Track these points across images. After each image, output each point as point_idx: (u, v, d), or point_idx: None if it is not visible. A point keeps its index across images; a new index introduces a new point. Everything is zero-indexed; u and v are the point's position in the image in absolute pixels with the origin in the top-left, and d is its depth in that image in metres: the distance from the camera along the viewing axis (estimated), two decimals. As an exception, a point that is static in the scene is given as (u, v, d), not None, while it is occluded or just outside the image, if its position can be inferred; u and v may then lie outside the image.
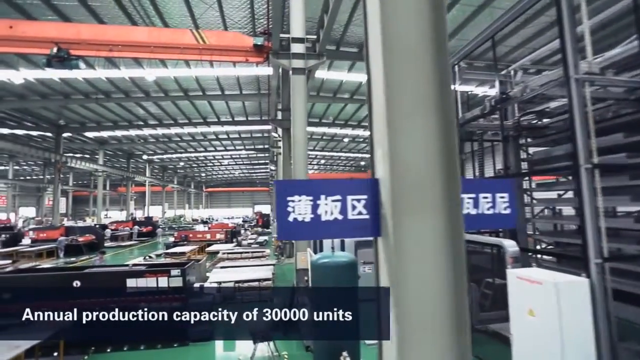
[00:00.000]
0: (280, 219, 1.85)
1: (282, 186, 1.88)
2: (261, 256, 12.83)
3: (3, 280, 6.13)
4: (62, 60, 9.14)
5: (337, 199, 1.86)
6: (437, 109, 1.73)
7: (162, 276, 6.16)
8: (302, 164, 8.52)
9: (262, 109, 25.48)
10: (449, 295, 1.70)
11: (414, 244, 1.70)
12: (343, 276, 4.25)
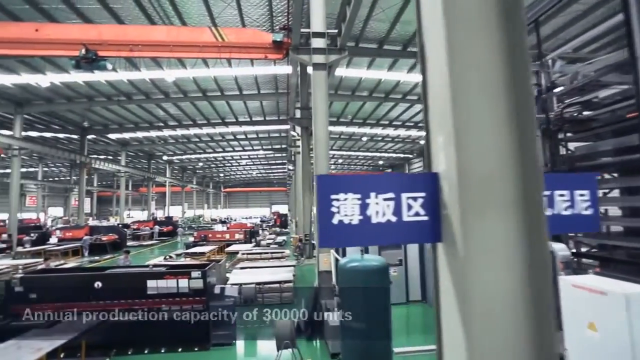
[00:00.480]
0: (323, 222, 1.55)
1: (325, 182, 1.59)
2: (281, 257, 12.61)
3: (27, 280, 6.11)
4: (91, 62, 9.20)
5: (389, 197, 1.55)
6: (513, 84, 1.40)
7: (183, 278, 6.01)
8: (323, 162, 8.23)
9: (280, 108, 25.37)
10: (530, 319, 1.37)
11: (485, 250, 1.38)
12: (374, 282, 3.94)
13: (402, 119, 28.28)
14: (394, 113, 26.65)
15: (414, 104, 23.91)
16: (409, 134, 33.31)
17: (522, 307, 1.39)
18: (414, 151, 43.78)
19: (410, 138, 35.53)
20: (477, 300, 1.39)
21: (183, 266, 6.90)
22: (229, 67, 17.63)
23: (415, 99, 22.82)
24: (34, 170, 42.99)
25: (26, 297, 6.03)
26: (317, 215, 1.56)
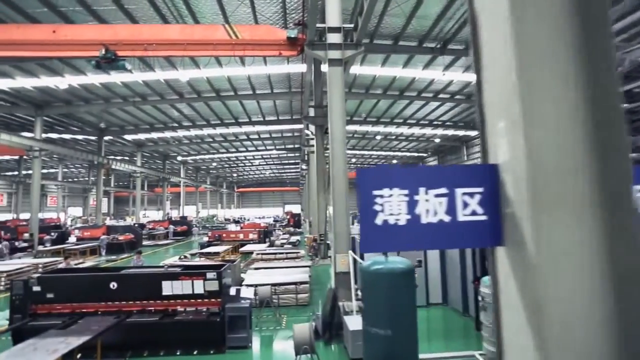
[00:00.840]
0: (365, 222, 1.33)
1: (367, 176, 1.37)
2: (295, 257, 12.43)
3: (44, 280, 6.08)
4: (110, 62, 9.21)
5: (441, 193, 1.32)
6: (594, 57, 1.15)
7: (198, 279, 5.87)
8: (341, 161, 8.00)
9: (293, 107, 25.25)
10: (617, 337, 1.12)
11: (562, 255, 1.14)
12: (399, 285, 3.69)
13: (417, 117, 27.79)
14: (408, 111, 26.21)
15: (429, 102, 23.45)
16: (424, 132, 32.75)
17: (607, 322, 1.15)
18: (428, 150, 43.08)
19: (424, 136, 34.95)
20: (552, 312, 1.15)
21: (198, 267, 6.78)
22: (242, 67, 17.56)
23: (431, 96, 22.37)
24: (54, 171, 44.10)
25: (44, 296, 6.01)
26: (360, 214, 1.35)
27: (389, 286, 3.68)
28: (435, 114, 26.96)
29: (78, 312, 5.96)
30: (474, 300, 6.76)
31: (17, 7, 11.80)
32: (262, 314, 7.72)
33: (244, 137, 32.92)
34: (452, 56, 16.47)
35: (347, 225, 7.96)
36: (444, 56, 16.28)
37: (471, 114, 26.89)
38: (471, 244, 1.38)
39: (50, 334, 5.18)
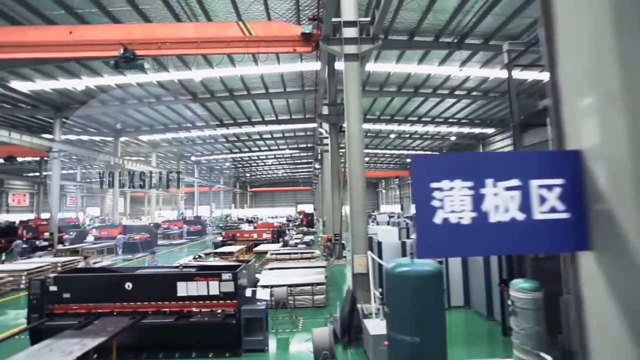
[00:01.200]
0: (421, 221, 1.10)
1: (423, 165, 1.14)
2: (310, 257, 12.24)
3: (61, 280, 6.05)
4: (129, 61, 9.19)
5: (513, 186, 1.09)
6: None
7: (213, 280, 5.73)
8: (358, 159, 7.76)
9: (306, 106, 25.10)
10: None
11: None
12: (426, 289, 3.45)
13: (432, 114, 27.27)
14: (423, 108, 25.73)
15: (444, 99, 22.95)
16: (439, 130, 32.13)
17: None
18: (443, 148, 42.32)
19: (439, 135, 34.31)
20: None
21: (213, 267, 6.66)
22: (255, 65, 17.48)
23: (447, 93, 21.87)
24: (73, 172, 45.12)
25: (60, 296, 5.98)
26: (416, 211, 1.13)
27: (415, 290, 3.44)
28: (451, 111, 26.39)
29: (94, 313, 5.90)
30: (499, 304, 6.44)
31: (35, 9, 11.97)
32: (278, 315, 7.55)
33: (257, 137, 32.97)
34: (470, 51, 16.03)
35: (365, 224, 7.72)
36: (461, 51, 15.84)
37: (488, 111, 26.23)
38: (551, 247, 1.12)
39: (66, 335, 5.12)
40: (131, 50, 9.05)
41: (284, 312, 7.65)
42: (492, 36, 14.93)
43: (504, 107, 25.28)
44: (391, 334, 3.52)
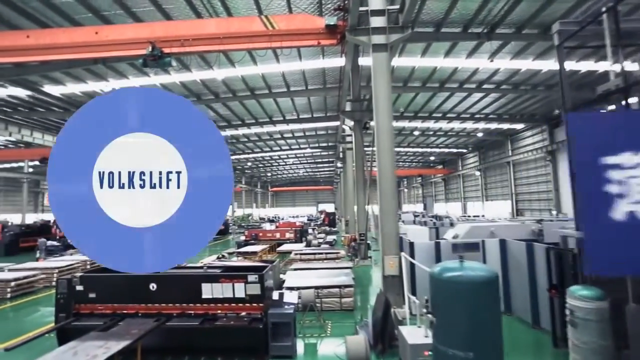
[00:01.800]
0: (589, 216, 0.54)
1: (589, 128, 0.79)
2: (335, 258, 11.89)
3: (86, 279, 5.96)
4: (157, 59, 9.13)
5: None
6: None
7: (239, 282, 5.48)
8: (388, 155, 7.33)
9: (328, 104, 24.77)
10: None
11: None
12: (482, 298, 3.01)
13: (457, 110, 26.34)
14: (448, 104, 24.86)
15: (472, 93, 22.03)
16: (464, 126, 31.07)
17: None
18: (468, 145, 41.00)
19: (465, 131, 33.18)
20: None
21: (238, 268, 6.41)
22: (276, 63, 17.33)
23: (474, 87, 20.97)
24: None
25: (86, 296, 5.90)
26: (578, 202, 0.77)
27: (468, 298, 3.01)
28: (478, 107, 25.38)
29: (119, 314, 5.78)
30: (548, 311, 5.85)
31: (65, 13, 12.21)
32: (305, 318, 7.25)
33: (278, 136, 32.94)
34: (500, 41, 15.23)
35: (396, 224, 7.29)
36: (491, 42, 15.07)
37: (518, 105, 25.05)
38: None
39: (91, 337, 4.99)
40: (159, 48, 8.97)
41: (310, 315, 7.33)
42: (525, 25, 14.08)
43: (535, 101, 24.07)
44: (439, 347, 3.11)
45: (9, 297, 10.81)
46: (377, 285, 11.14)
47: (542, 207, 29.38)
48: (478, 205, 41.93)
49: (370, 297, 9.51)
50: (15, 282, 11.10)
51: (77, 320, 5.78)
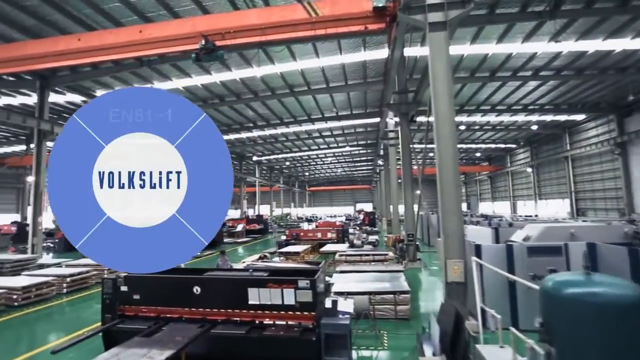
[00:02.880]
0: None
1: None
2: (383, 260, 11.11)
3: (131, 280, 5.71)
4: (210, 52, 8.92)
5: None
6: None
7: (288, 287, 4.93)
8: (450, 147, 6.47)
9: (368, 100, 23.93)
10: None
11: None
12: (627, 325, 2.19)
13: (508, 102, 24.38)
14: (498, 95, 23.05)
15: (526, 82, 20.16)
16: (515, 119, 28.79)
17: None
18: (518, 140, 38.14)
19: (515, 124, 30.78)
20: None
21: (287, 272, 5.88)
22: (316, 58, 16.84)
23: (529, 74, 19.13)
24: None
25: (130, 297, 5.65)
26: None
27: (609, 327, 2.21)
28: (532, 97, 23.29)
29: (163, 317, 5.46)
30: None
31: (113, 18, 12.51)
32: (357, 327, 6.58)
33: (316, 135, 32.55)
34: (565, 19, 13.58)
35: (461, 224, 6.42)
36: (555, 21, 13.47)
37: (580, 93, 22.64)
38: None
39: (134, 343, 4.66)
40: (212, 41, 8.70)
41: (363, 323, 6.66)
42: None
43: (602, 88, 21.59)
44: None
45: (65, 292, 11.17)
46: (427, 290, 10.23)
47: (609, 207, 26.44)
48: (530, 205, 38.91)
49: (425, 304, 8.64)
50: (70, 277, 11.47)
51: (121, 322, 5.53)
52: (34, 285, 10.18)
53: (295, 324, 4.94)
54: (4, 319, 8.75)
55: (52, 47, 10.61)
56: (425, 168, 14.70)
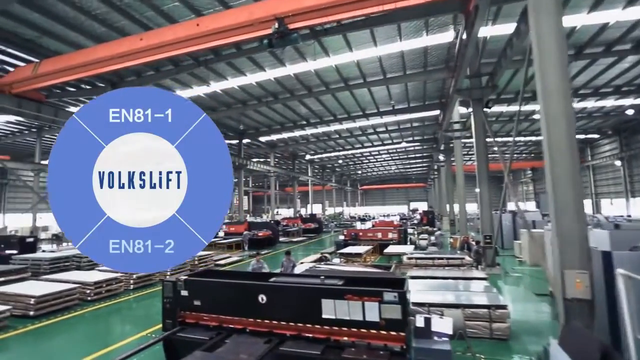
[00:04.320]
0: None
1: None
2: (460, 264, 9.75)
3: (191, 284, 5.20)
4: (283, 36, 8.36)
5: None
6: None
7: (371, 300, 4.04)
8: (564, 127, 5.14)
9: (427, 91, 22.23)
10: None
11: None
12: None
13: (595, 84, 21.13)
14: (582, 77, 19.99)
15: (623, 57, 17.11)
16: (603, 104, 25.01)
17: None
18: (602, 129, 33.41)
19: (601, 111, 26.82)
20: None
21: (366, 280, 4.98)
22: (373, 47, 15.80)
23: (628, 47, 16.17)
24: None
25: (191, 303, 5.14)
26: None
27: None
28: (628, 76, 19.88)
29: (225, 327, 4.85)
30: None
31: (172, 18, 12.63)
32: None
33: (370, 131, 31.31)
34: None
35: (583, 224, 5.04)
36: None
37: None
38: None
39: (196, 357, 4.06)
40: (286, 24, 8.12)
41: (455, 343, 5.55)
42: None
43: None
44: None
45: (132, 289, 11.40)
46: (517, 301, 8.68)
47: None
48: (618, 203, 33.93)
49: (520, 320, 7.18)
50: (136, 274, 11.70)
51: (182, 330, 5.04)
52: (104, 280, 10.44)
53: (380, 346, 4.02)
54: (78, 313, 8.97)
55: (117, 48, 10.85)
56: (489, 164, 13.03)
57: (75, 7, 12.07)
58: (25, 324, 8.06)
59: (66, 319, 8.52)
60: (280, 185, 55.87)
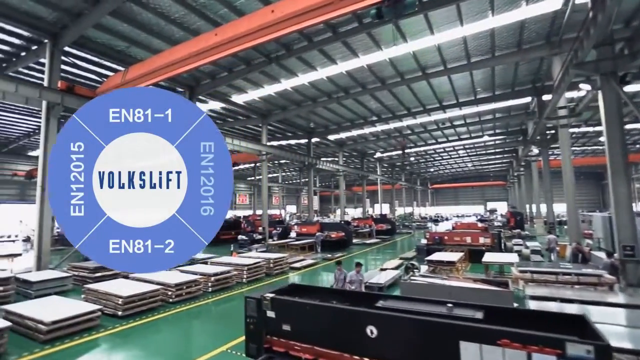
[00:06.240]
0: None
1: None
2: (597, 283, 7.61)
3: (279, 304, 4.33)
4: (395, 3, 7.26)
5: None
6: None
7: (544, 352, 2.70)
8: None
9: (518, 74, 19.31)
10: None
11: None
12: None
13: None
14: None
15: None
16: None
17: None
18: None
19: None
20: None
21: (516, 315, 3.60)
22: (459, 26, 13.93)
23: None
24: (275, 175, 52.51)
25: (279, 327, 4.26)
26: None
27: None
28: None
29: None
30: None
31: (242, 12, 12.38)
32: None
33: (447, 125, 28.66)
34: None
35: None
36: None
37: None
38: None
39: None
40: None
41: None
42: None
43: None
44: None
45: (210, 292, 11.23)
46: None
47: None
48: None
49: None
50: (214, 277, 11.53)
51: (269, 357, 4.18)
52: (184, 283, 10.36)
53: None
54: (162, 315, 8.89)
55: (194, 46, 10.77)
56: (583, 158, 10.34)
57: (157, 12, 12.42)
58: (115, 325, 8.11)
59: (150, 321, 8.44)
60: (347, 184, 54.99)
